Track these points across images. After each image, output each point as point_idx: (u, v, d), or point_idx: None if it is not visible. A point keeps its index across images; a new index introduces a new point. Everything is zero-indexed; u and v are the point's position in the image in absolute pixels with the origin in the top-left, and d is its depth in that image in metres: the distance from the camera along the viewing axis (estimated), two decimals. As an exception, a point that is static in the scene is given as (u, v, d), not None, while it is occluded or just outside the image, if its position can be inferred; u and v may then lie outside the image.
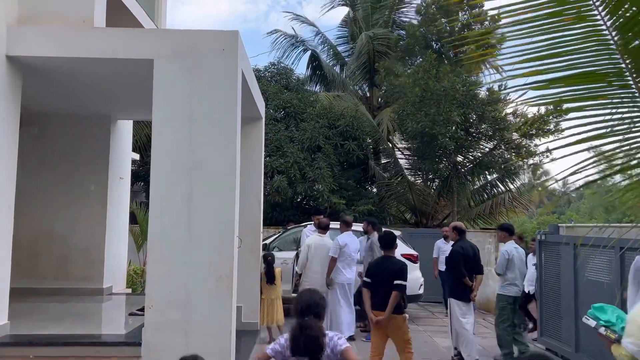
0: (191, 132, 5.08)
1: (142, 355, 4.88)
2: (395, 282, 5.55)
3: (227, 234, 5.04)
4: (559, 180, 3.11)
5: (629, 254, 5.87)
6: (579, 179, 2.92)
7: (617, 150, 3.27)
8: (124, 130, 8.84)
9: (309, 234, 9.00)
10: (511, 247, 7.62)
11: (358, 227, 9.45)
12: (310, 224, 9.58)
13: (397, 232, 8.47)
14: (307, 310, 2.92)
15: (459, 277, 6.99)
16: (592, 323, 3.68)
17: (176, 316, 4.87)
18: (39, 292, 7.55)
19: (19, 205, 7.77)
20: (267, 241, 10.41)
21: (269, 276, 7.87)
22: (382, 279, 5.62)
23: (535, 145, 13.40)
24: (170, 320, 4.85)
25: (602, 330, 3.63)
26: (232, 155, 5.10)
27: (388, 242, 5.90)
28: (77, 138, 8.14)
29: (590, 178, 2.91)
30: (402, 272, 5.65)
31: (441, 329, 9.41)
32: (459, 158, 14.69)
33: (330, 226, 8.73)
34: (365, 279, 5.85)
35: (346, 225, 8.52)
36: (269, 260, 7.89)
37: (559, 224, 9.55)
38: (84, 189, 8.06)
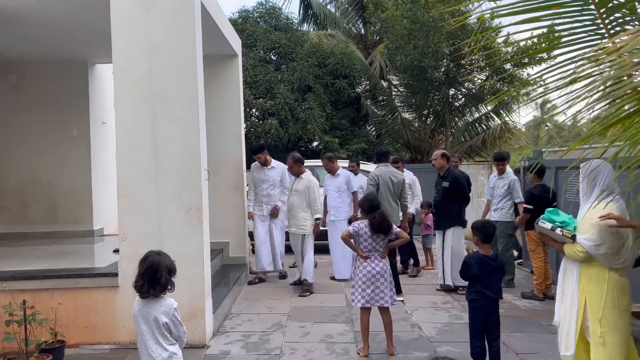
0: (151, 66, 5.06)
1: (119, 285, 5.10)
2: (554, 204, 6.72)
3: (193, 166, 5.10)
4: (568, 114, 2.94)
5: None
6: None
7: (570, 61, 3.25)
8: (104, 75, 8.80)
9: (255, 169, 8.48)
10: (512, 174, 7.80)
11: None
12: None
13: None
14: (377, 207, 4.88)
15: (465, 202, 7.31)
16: (547, 225, 3.79)
17: (149, 247, 4.96)
18: (30, 236, 7.81)
19: (2, 154, 7.95)
20: None
21: None
22: (543, 203, 6.71)
23: (528, 75, 13.12)
24: (143, 252, 4.96)
25: (558, 231, 3.73)
26: (192, 88, 5.08)
27: (543, 172, 7.19)
28: (55, 84, 8.15)
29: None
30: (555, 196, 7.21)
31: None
32: (451, 91, 14.49)
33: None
34: (528, 205, 6.93)
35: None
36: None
37: (543, 149, 9.52)
38: (66, 134, 8.14)
